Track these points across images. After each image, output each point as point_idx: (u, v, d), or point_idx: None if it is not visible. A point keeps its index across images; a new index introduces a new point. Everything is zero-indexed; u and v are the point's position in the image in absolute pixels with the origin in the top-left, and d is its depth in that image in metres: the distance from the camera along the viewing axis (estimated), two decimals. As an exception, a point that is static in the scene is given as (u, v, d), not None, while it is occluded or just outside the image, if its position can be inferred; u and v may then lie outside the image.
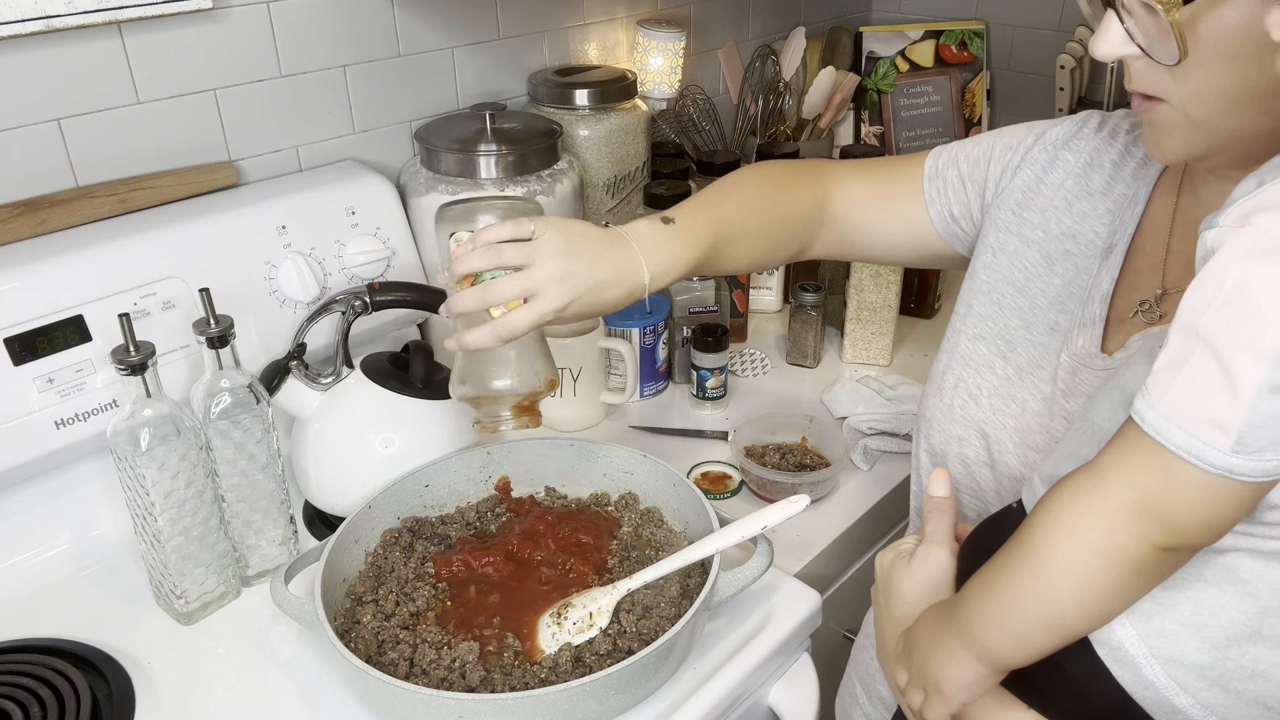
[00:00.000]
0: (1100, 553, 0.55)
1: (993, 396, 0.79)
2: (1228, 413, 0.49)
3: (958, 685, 0.62)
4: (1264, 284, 0.47)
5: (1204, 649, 0.58)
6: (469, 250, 0.77)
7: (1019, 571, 0.58)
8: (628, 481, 0.98)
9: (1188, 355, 0.50)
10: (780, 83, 1.64)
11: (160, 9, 0.96)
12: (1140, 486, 0.53)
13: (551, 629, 0.81)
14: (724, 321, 1.26)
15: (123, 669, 0.83)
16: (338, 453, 0.96)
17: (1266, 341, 0.47)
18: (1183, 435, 0.50)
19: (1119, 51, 0.62)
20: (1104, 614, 0.58)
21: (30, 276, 0.90)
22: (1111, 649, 0.59)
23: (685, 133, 1.58)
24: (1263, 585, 0.56)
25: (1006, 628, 0.59)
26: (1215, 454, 0.50)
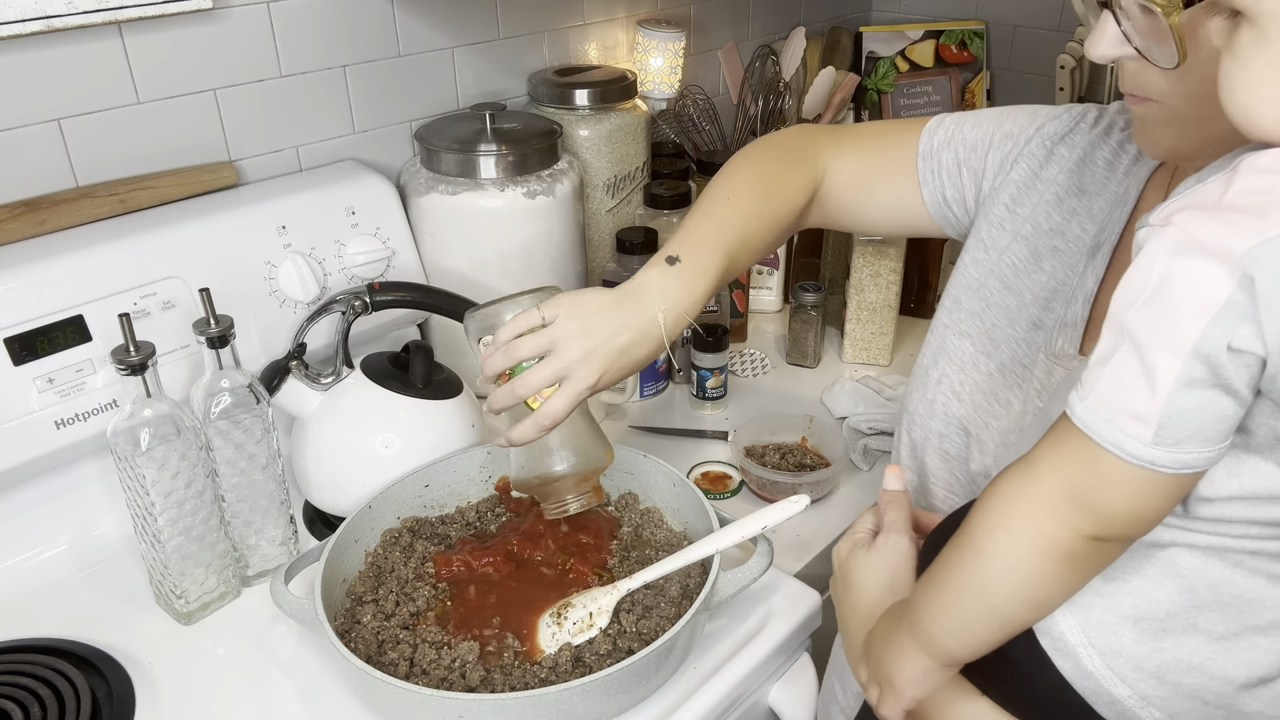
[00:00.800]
0: (1033, 543, 0.56)
1: (974, 393, 0.80)
2: (1147, 405, 0.50)
3: (908, 680, 0.63)
4: (1181, 281, 0.49)
5: (1141, 641, 0.59)
6: (492, 351, 0.79)
7: (960, 564, 0.60)
8: (628, 481, 0.98)
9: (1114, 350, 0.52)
10: (780, 83, 1.64)
11: (160, 9, 0.96)
12: (1069, 477, 0.54)
13: (551, 629, 0.81)
14: (724, 321, 1.26)
15: (123, 669, 0.83)
16: (338, 453, 0.96)
17: (1182, 337, 0.48)
18: (1107, 427, 0.52)
19: (1115, 53, 0.62)
20: (1041, 604, 0.59)
21: (30, 276, 0.90)
22: (1053, 639, 0.61)
23: (685, 133, 1.58)
24: (1199, 580, 0.58)
25: (951, 620, 0.61)
26: (1136, 445, 0.51)
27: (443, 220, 1.15)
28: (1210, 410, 0.50)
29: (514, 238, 1.16)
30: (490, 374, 0.80)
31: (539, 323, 0.79)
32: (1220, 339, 0.48)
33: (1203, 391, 0.49)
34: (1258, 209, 0.47)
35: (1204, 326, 0.48)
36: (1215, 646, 0.58)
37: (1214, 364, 0.48)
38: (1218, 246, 0.47)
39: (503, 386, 0.79)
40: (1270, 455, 0.54)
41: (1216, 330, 0.48)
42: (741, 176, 0.90)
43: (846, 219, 0.94)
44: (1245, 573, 0.57)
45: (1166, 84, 0.62)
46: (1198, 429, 0.50)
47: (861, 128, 0.95)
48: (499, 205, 1.13)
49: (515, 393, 0.78)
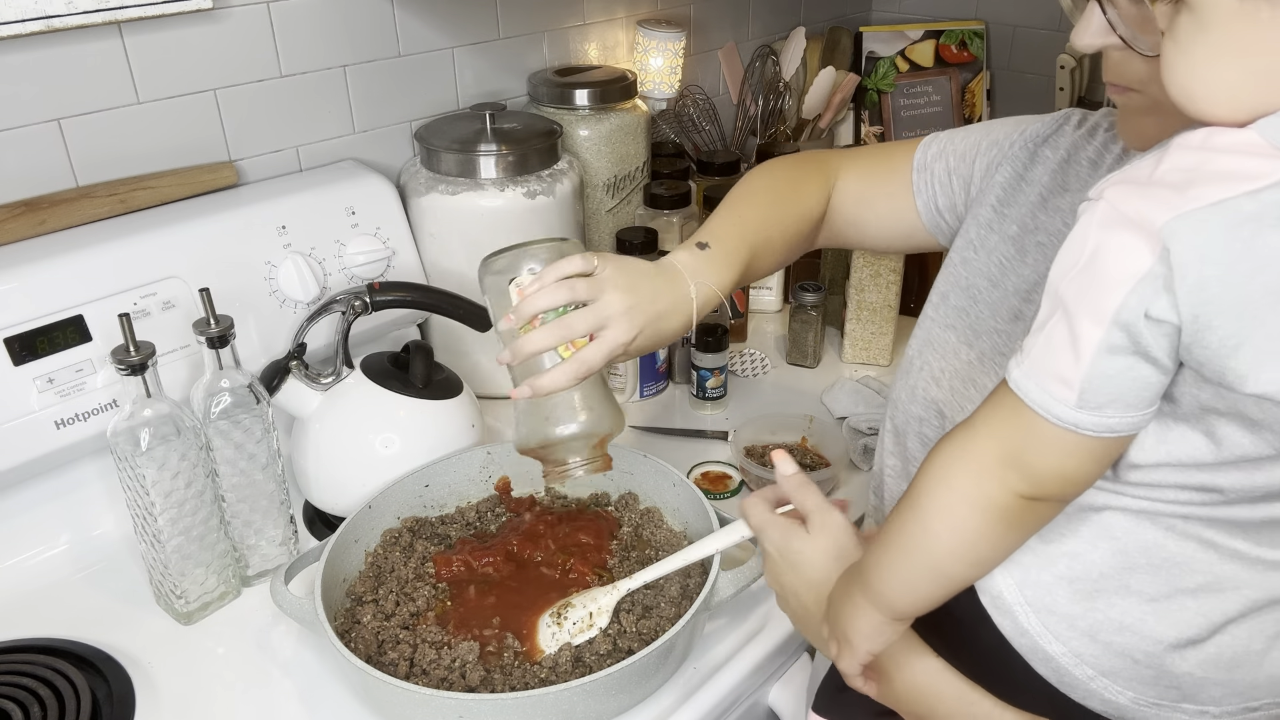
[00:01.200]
0: (971, 501, 0.58)
1: (953, 379, 0.81)
2: (1071, 370, 0.53)
3: (862, 635, 0.66)
4: (1107, 252, 0.51)
5: (1075, 600, 0.62)
6: (537, 289, 0.77)
7: (905, 521, 0.62)
8: (628, 481, 0.98)
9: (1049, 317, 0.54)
10: (780, 83, 1.64)
11: (160, 9, 0.96)
12: (1003, 438, 0.57)
13: (551, 629, 0.81)
14: (724, 321, 1.26)
15: (123, 669, 0.83)
16: (338, 453, 0.96)
17: (1105, 305, 0.51)
18: (1036, 390, 0.54)
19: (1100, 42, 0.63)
20: (981, 562, 0.62)
21: (30, 276, 0.90)
22: (992, 597, 0.64)
23: (685, 133, 1.58)
24: (1132, 542, 0.60)
25: (898, 576, 0.63)
26: (1061, 408, 0.53)
27: (443, 220, 1.15)
28: (1131, 376, 0.52)
29: (514, 238, 1.15)
30: (530, 311, 0.77)
31: (591, 270, 0.78)
32: (1138, 307, 0.50)
33: (1122, 358, 0.52)
34: (1181, 184, 0.49)
35: (1124, 296, 0.50)
36: (1146, 608, 0.60)
37: (1132, 332, 0.51)
38: (1140, 219, 0.50)
39: (543, 328, 0.76)
40: (1196, 424, 0.55)
41: (1135, 299, 0.50)
42: (761, 183, 0.93)
43: (851, 233, 0.96)
44: (1177, 537, 0.60)
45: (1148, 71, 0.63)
46: (1119, 394, 0.53)
47: (866, 147, 0.99)
48: (499, 205, 1.13)
49: (560, 334, 0.76)
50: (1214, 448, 0.55)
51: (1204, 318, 0.49)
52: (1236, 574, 0.59)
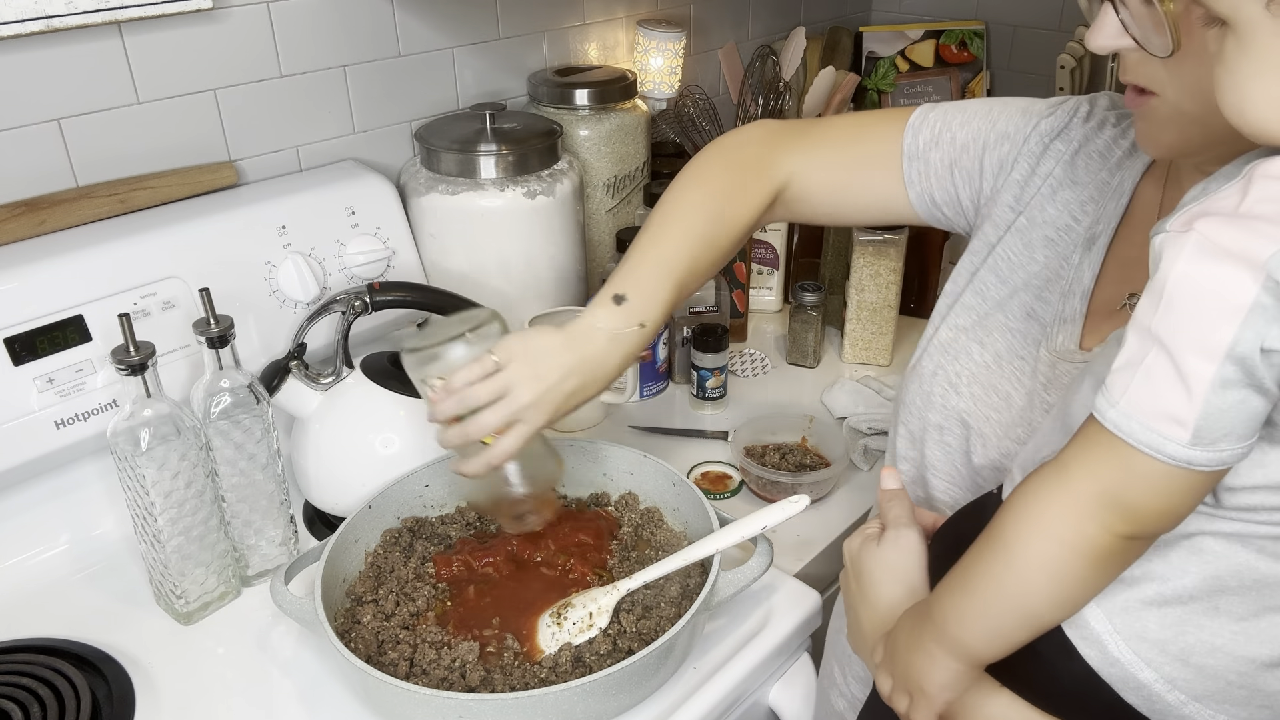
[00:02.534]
0: (1068, 544, 0.57)
1: (972, 385, 0.80)
2: (1184, 408, 0.52)
3: (939, 685, 0.64)
4: (1207, 286, 0.51)
5: (1165, 625, 0.60)
6: (444, 398, 0.80)
7: (991, 566, 0.60)
8: (628, 481, 0.98)
9: (1144, 354, 0.53)
10: (780, 83, 1.64)
11: (160, 9, 0.96)
12: (1103, 479, 0.56)
13: (551, 629, 0.81)
14: (724, 321, 1.26)
15: (123, 669, 0.83)
16: (338, 453, 0.96)
17: (1214, 340, 0.50)
18: (1143, 430, 0.53)
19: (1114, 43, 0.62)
20: (1075, 603, 0.60)
21: (30, 276, 0.90)
22: (1079, 628, 0.62)
23: (685, 133, 1.58)
24: (1223, 565, 0.59)
25: (982, 623, 0.61)
26: (1174, 447, 0.53)
27: (443, 220, 1.14)
28: (1244, 409, 0.52)
29: (514, 238, 1.16)
30: (439, 418, 0.80)
31: (492, 368, 0.79)
32: (1254, 341, 0.49)
33: (1236, 391, 0.51)
34: (1277, 215, 0.49)
35: (1236, 330, 0.49)
36: (1237, 627, 0.59)
37: (1248, 365, 0.50)
38: (1241, 252, 0.49)
39: (454, 428, 0.80)
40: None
41: (1249, 333, 0.49)
42: (692, 196, 0.87)
43: (820, 217, 0.93)
44: (1268, 558, 0.59)
45: (1165, 74, 0.63)
46: (1233, 427, 0.52)
47: (834, 123, 0.93)
48: (499, 205, 1.13)
49: (467, 434, 0.79)
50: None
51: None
52: None
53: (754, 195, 0.88)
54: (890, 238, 1.25)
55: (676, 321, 1.25)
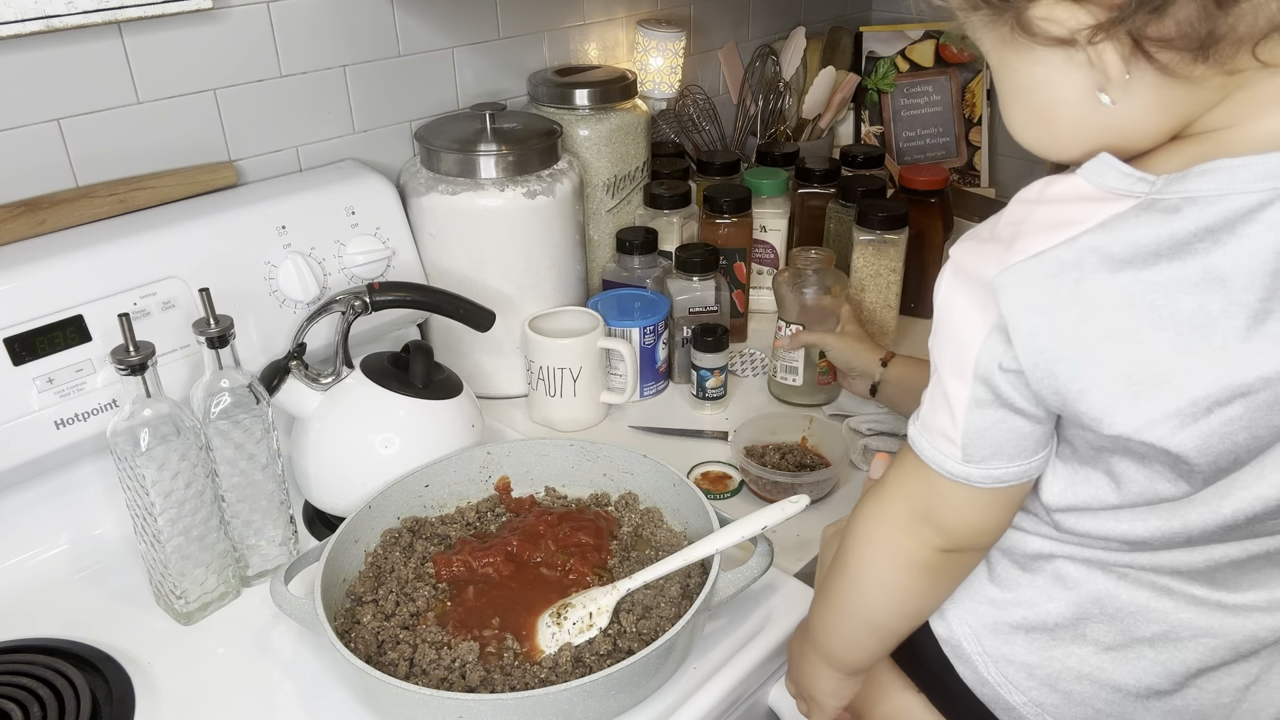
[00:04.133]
0: (893, 559, 0.60)
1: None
2: (950, 427, 0.54)
3: (825, 692, 0.68)
4: (955, 310, 0.53)
5: (1032, 649, 0.62)
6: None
7: (839, 583, 0.64)
8: (628, 481, 0.98)
9: (931, 376, 0.56)
10: (780, 83, 1.64)
11: (160, 9, 0.96)
12: (912, 496, 0.58)
13: (551, 629, 0.81)
14: (724, 321, 1.26)
15: (122, 669, 0.83)
16: (338, 453, 0.96)
17: (964, 361, 0.52)
18: (929, 449, 0.56)
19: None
20: (915, 614, 0.63)
21: (30, 276, 0.90)
22: (952, 646, 0.64)
23: (685, 133, 1.58)
24: (1084, 593, 0.60)
25: (840, 635, 0.65)
26: (950, 464, 0.55)
27: (443, 220, 1.14)
28: (1005, 428, 0.53)
29: (514, 238, 1.16)
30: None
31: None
32: (990, 362, 0.51)
33: (991, 411, 0.53)
34: (1009, 238, 0.51)
35: (977, 351, 0.51)
36: (1104, 656, 0.60)
37: (992, 385, 0.52)
38: (975, 275, 0.51)
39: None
40: (1095, 464, 0.55)
41: (985, 355, 0.51)
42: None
43: None
44: (1129, 585, 0.59)
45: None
46: (999, 446, 0.54)
47: None
48: (499, 205, 1.13)
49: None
50: (1115, 487, 0.55)
51: (1043, 365, 0.50)
52: (1194, 620, 0.58)
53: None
54: (890, 237, 1.25)
55: (676, 321, 1.25)
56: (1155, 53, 0.46)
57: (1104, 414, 0.50)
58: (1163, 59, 0.46)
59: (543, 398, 1.16)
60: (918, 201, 1.36)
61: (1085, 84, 0.49)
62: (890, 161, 1.77)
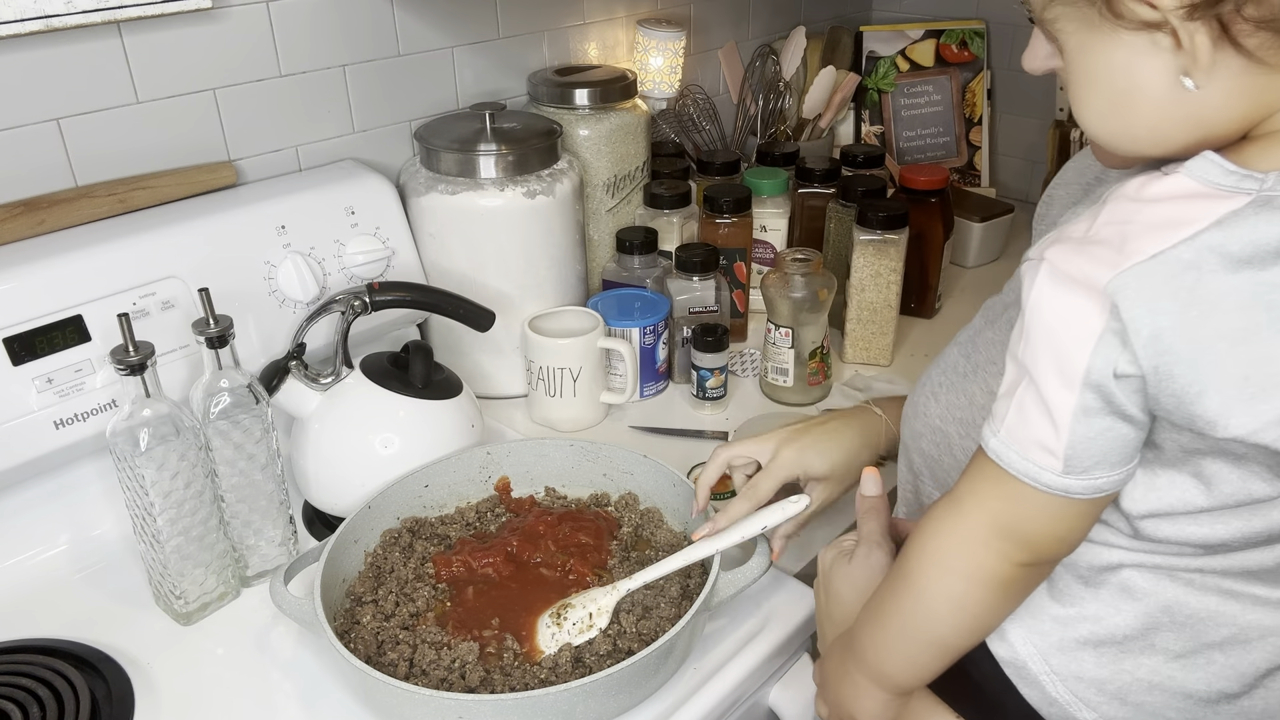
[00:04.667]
0: (968, 575, 0.58)
1: (950, 393, 0.80)
2: (1052, 438, 0.52)
3: (869, 714, 0.65)
4: (1059, 315, 0.51)
5: (1102, 664, 0.61)
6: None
7: (900, 600, 0.62)
8: (628, 481, 0.98)
9: (1017, 383, 0.54)
10: (780, 82, 1.64)
11: (160, 9, 0.96)
12: (993, 510, 0.56)
13: (551, 629, 0.81)
14: (724, 321, 1.26)
15: (122, 669, 0.83)
16: (337, 453, 0.96)
17: (1071, 369, 0.50)
18: (1019, 460, 0.54)
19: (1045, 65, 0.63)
20: (981, 630, 0.61)
21: (30, 276, 0.90)
22: (1016, 668, 0.63)
23: (685, 132, 1.58)
24: (1154, 602, 0.59)
25: (897, 653, 0.63)
26: (1049, 476, 0.53)
27: (442, 220, 1.14)
28: (1112, 436, 0.52)
29: (514, 238, 1.15)
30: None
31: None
32: (1105, 368, 0.50)
33: (1100, 419, 0.51)
34: (1117, 240, 0.50)
35: (1088, 357, 0.50)
36: (1174, 664, 0.59)
37: (1104, 392, 0.50)
38: (1084, 279, 0.50)
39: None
40: (1183, 467, 0.55)
41: (1100, 360, 0.50)
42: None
43: None
44: (1197, 591, 0.58)
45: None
46: (1104, 455, 0.52)
47: None
48: (499, 205, 1.13)
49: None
50: (1205, 490, 0.55)
51: (1164, 368, 0.49)
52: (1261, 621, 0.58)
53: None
54: (890, 237, 1.25)
55: (676, 321, 1.25)
56: (1246, 37, 0.46)
57: (1220, 416, 0.49)
58: (1253, 44, 0.46)
59: (543, 398, 1.16)
60: (918, 201, 1.36)
61: (1168, 69, 0.48)
62: (890, 161, 1.77)
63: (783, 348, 1.20)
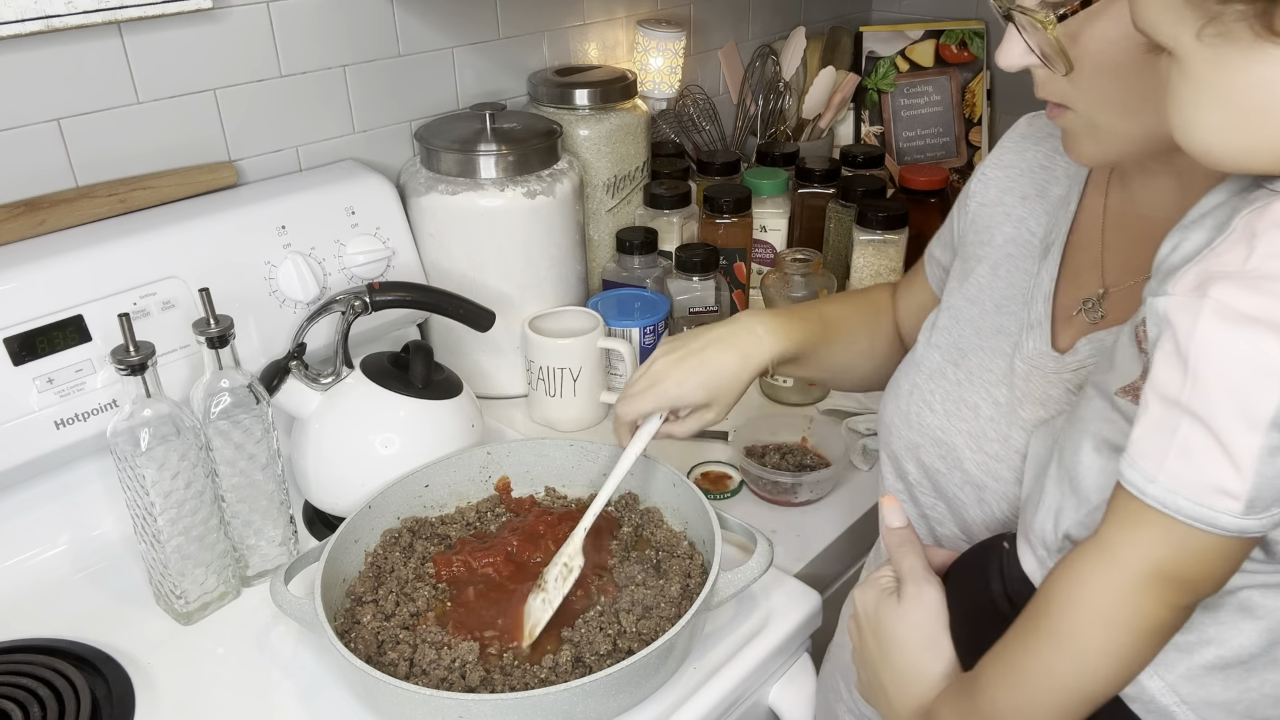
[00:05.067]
0: (1128, 625, 0.55)
1: (945, 402, 0.80)
2: (1233, 481, 0.50)
3: None
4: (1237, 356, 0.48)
5: (1229, 686, 0.60)
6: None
7: (1045, 655, 0.58)
8: (628, 481, 0.98)
9: (1175, 426, 0.51)
10: (780, 83, 1.64)
11: (160, 9, 0.96)
12: (1155, 556, 0.54)
13: (540, 597, 0.83)
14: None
15: (122, 669, 0.83)
16: (338, 453, 0.96)
17: (1257, 411, 0.48)
18: (1193, 506, 0.51)
19: (1021, 62, 0.63)
20: (1130, 678, 0.59)
21: (30, 276, 0.90)
22: (1144, 704, 0.61)
23: (685, 133, 1.58)
24: (1274, 616, 0.58)
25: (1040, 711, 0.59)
26: (1228, 519, 0.51)
27: (443, 220, 1.14)
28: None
29: (514, 238, 1.16)
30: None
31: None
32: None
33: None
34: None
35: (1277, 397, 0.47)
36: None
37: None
38: (1265, 316, 0.47)
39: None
40: None
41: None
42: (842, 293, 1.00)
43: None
44: None
45: (1072, 90, 0.64)
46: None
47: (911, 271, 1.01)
48: (499, 205, 1.13)
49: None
50: None
51: None
52: None
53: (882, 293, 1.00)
54: (890, 237, 1.25)
55: (676, 321, 1.25)
56: None
57: None
58: None
59: (543, 398, 1.16)
60: (918, 201, 1.36)
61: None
62: (890, 161, 1.77)
63: (783, 348, 1.20)
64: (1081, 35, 0.61)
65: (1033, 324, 0.76)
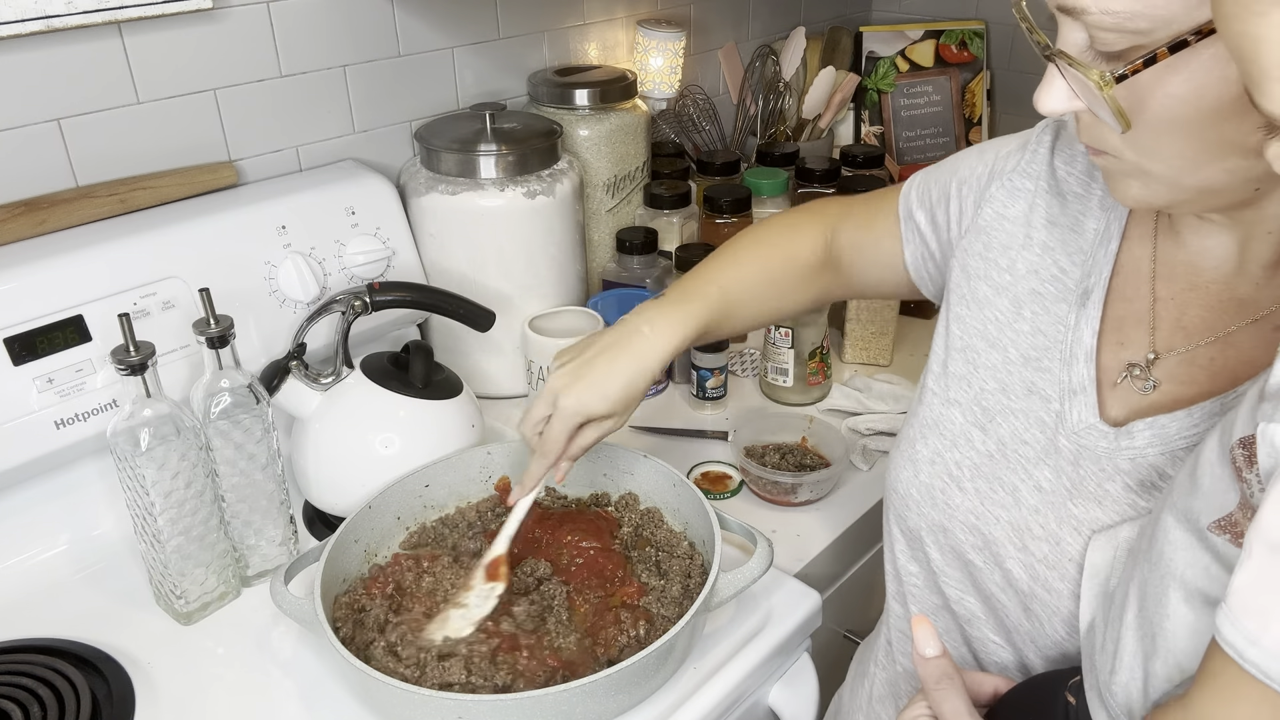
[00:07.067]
0: None
1: (976, 479, 0.71)
2: None
3: None
4: None
5: None
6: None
7: None
8: (628, 481, 0.98)
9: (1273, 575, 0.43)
10: (780, 83, 1.64)
11: (160, 9, 0.96)
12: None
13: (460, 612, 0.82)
14: (724, 321, 1.26)
15: (123, 669, 0.83)
16: (338, 453, 0.96)
17: None
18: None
19: (1064, 107, 0.57)
20: None
21: (30, 276, 0.90)
22: None
23: (685, 133, 1.58)
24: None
25: None
26: None
27: (443, 220, 1.15)
28: None
29: (514, 238, 1.16)
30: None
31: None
32: None
33: None
34: None
35: None
36: None
37: None
38: None
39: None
40: None
41: None
42: (746, 236, 0.93)
43: (854, 281, 0.91)
44: None
45: (1120, 142, 0.57)
46: None
47: (867, 194, 0.92)
48: (499, 205, 1.13)
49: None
50: None
51: None
52: None
53: (806, 237, 0.91)
54: (890, 238, 1.25)
55: (676, 321, 1.25)
56: None
57: None
58: None
59: (543, 398, 1.16)
60: (918, 201, 1.36)
61: None
62: (890, 161, 1.77)
63: (782, 348, 1.20)
64: (1149, 95, 0.53)
65: (1075, 389, 0.67)
